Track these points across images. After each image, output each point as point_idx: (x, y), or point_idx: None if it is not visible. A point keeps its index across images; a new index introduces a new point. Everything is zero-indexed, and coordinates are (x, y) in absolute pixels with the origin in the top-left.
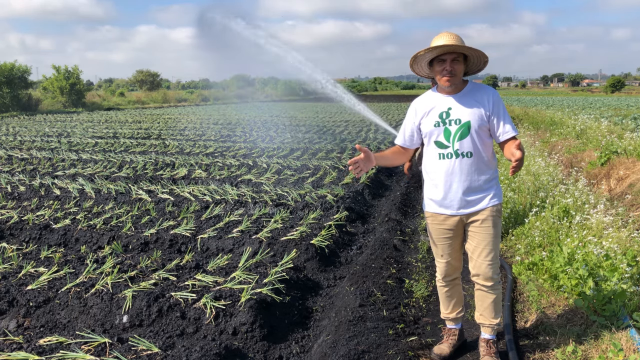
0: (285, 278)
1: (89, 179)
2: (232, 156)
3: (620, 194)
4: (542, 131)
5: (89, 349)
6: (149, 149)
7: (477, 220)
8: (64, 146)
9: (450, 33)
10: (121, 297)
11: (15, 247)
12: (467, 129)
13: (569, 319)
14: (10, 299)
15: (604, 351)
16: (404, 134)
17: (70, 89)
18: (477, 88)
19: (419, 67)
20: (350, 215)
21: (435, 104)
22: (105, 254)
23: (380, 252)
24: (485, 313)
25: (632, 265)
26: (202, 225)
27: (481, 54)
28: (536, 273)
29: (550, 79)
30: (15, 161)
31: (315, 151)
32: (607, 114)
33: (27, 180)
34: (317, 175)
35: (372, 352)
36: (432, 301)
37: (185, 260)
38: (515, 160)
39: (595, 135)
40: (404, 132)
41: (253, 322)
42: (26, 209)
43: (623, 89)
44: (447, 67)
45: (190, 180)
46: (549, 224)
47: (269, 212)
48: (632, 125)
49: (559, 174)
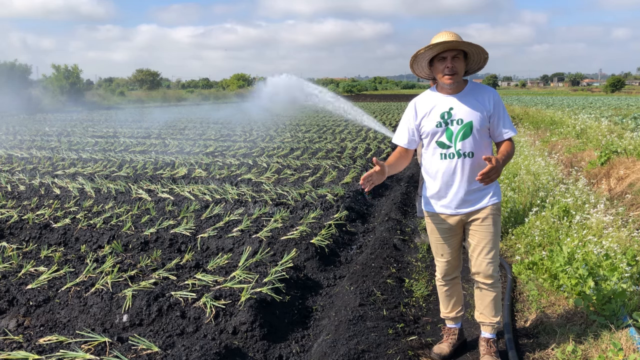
0: (285, 277)
1: (88, 178)
2: (232, 155)
3: (620, 193)
4: (542, 131)
5: (88, 348)
6: (149, 148)
7: (478, 218)
8: (63, 145)
9: (449, 32)
10: (121, 297)
11: (15, 246)
12: (469, 129)
13: (568, 319)
14: (10, 298)
15: (603, 351)
16: (406, 134)
17: (70, 88)
18: (478, 88)
19: (419, 67)
20: (350, 214)
21: (436, 104)
22: (105, 253)
23: (380, 252)
24: (485, 311)
25: (632, 264)
26: (202, 224)
27: (481, 50)
28: (536, 272)
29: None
30: (15, 160)
31: (315, 150)
32: (607, 114)
33: (27, 180)
34: (317, 174)
35: (372, 351)
36: (432, 300)
37: (185, 259)
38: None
39: (595, 135)
40: (406, 132)
41: (253, 321)
42: (26, 208)
43: (623, 88)
44: (449, 65)
45: (190, 179)
46: (549, 223)
47: (269, 211)
48: (632, 125)
49: (559, 174)
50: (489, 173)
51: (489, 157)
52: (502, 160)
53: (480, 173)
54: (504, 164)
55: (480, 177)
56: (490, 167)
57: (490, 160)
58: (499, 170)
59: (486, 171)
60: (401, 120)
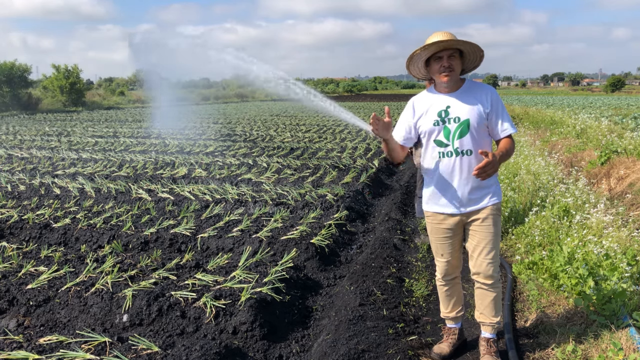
0: (285, 277)
1: (89, 178)
2: (232, 155)
3: (620, 193)
4: (542, 130)
5: (89, 348)
6: (149, 148)
7: (478, 218)
8: (64, 145)
9: (444, 31)
10: (121, 296)
11: (15, 246)
12: (466, 127)
13: (568, 318)
14: (11, 298)
15: (603, 350)
16: (403, 132)
17: (70, 88)
18: (475, 86)
19: (416, 68)
20: (350, 214)
21: (433, 103)
22: (105, 253)
23: (380, 252)
24: (485, 311)
25: (632, 264)
26: (202, 224)
27: (476, 47)
28: (536, 272)
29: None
30: (15, 160)
31: (315, 150)
32: (607, 113)
33: (27, 180)
34: (317, 174)
35: (372, 351)
36: (432, 300)
37: (185, 259)
38: (485, 163)
39: (596, 135)
40: (403, 130)
41: (253, 321)
42: (26, 208)
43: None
44: (445, 64)
45: (190, 179)
46: (549, 223)
47: (269, 211)
48: (632, 125)
49: (559, 173)
50: (486, 168)
51: (486, 152)
52: (499, 156)
53: (476, 167)
54: (502, 160)
55: (476, 171)
56: (487, 162)
57: (486, 154)
58: (496, 165)
59: (482, 165)
60: (399, 118)
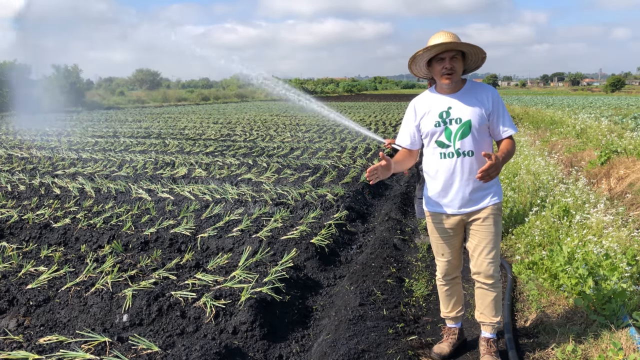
0: (285, 277)
1: (88, 178)
2: (232, 155)
3: (620, 193)
4: (542, 130)
5: (89, 348)
6: (149, 148)
7: (479, 218)
8: (63, 145)
9: (447, 32)
10: (121, 296)
11: (15, 246)
12: (468, 128)
13: (568, 318)
14: (10, 298)
15: (603, 350)
16: (408, 135)
17: (70, 88)
18: (477, 86)
19: (418, 68)
20: (350, 214)
21: (434, 104)
22: (105, 253)
23: (380, 251)
24: (485, 311)
25: (632, 264)
26: (202, 224)
27: (479, 50)
28: (536, 272)
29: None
30: (15, 160)
31: (315, 150)
32: (607, 113)
33: (27, 179)
34: (317, 174)
35: (372, 351)
36: (432, 300)
37: (185, 259)
38: (488, 165)
39: (595, 135)
40: (407, 133)
41: (253, 321)
42: (26, 208)
43: (623, 88)
44: (447, 65)
45: (190, 179)
46: (549, 223)
47: (268, 211)
48: (632, 125)
49: (559, 173)
50: (489, 170)
51: (489, 154)
52: (501, 158)
53: (479, 170)
54: (504, 161)
55: (480, 174)
56: (490, 164)
57: (489, 157)
58: (499, 167)
59: (485, 168)
60: (402, 122)
